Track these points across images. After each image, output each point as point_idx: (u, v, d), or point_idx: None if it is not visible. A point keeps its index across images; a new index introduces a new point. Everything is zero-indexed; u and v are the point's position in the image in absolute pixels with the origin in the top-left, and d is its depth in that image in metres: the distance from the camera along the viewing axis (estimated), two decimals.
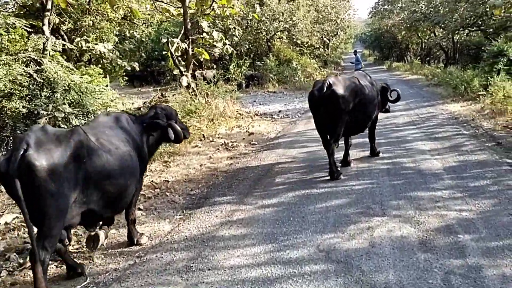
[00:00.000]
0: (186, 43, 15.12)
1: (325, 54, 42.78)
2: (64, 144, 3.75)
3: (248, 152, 9.72)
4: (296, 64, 28.66)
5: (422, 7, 32.20)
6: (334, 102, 6.48)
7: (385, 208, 5.37)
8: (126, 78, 31.59)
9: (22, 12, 15.30)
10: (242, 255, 4.40)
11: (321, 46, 41.57)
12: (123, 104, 13.06)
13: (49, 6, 9.21)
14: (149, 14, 21.86)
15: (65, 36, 16.45)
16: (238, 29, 17.27)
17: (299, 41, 32.79)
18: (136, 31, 20.68)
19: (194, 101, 15.41)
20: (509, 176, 6.24)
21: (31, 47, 8.97)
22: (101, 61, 16.72)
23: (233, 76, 26.62)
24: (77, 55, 16.15)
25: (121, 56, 18.95)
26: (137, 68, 17.06)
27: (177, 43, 14.79)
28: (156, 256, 4.56)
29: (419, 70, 30.80)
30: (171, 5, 18.59)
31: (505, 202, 5.28)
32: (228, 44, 15.69)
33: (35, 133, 3.72)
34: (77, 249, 4.87)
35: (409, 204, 5.43)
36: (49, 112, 8.46)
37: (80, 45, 15.47)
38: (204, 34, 15.13)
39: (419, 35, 38.31)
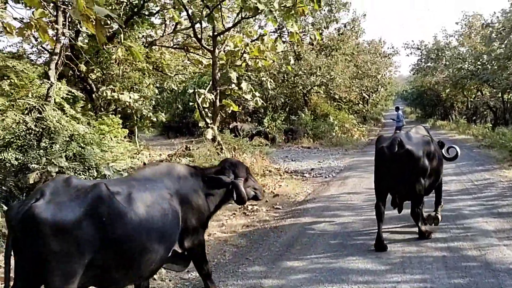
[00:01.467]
0: (213, 94, 14.21)
1: (364, 110, 41.39)
2: (81, 199, 3.32)
3: (269, 219, 8.26)
4: (333, 119, 27.36)
5: (468, 64, 30.66)
6: (410, 162, 5.97)
7: None
8: (159, 129, 31.37)
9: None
10: None
11: (360, 102, 40.32)
12: (136, 158, 12.09)
13: (57, 50, 8.39)
14: (182, 66, 21.57)
15: (92, 85, 16.04)
16: (270, 82, 16.29)
17: (337, 96, 31.69)
18: (174, 83, 20.20)
19: (219, 154, 14.27)
20: None
21: (32, 94, 8.14)
22: (127, 112, 16.05)
23: (267, 130, 25.66)
24: (101, 104, 15.57)
25: (159, 107, 18.28)
26: (163, 119, 16.25)
27: (203, 94, 13.89)
28: None
29: (466, 130, 28.73)
30: (203, 57, 18.05)
31: None
32: (259, 96, 14.64)
33: (56, 183, 3.39)
34: None
35: None
36: (41, 166, 7.41)
37: (105, 94, 14.89)
38: (233, 85, 14.18)
39: (465, 93, 36.45)
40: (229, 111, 22.13)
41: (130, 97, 14.98)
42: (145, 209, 3.59)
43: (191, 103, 19.08)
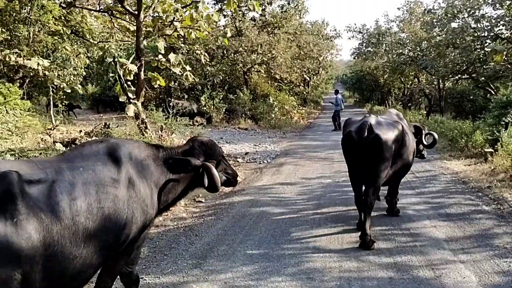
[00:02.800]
0: (137, 65, 12.45)
1: (305, 92, 40.81)
2: None
3: (186, 216, 6.92)
4: (273, 100, 26.28)
5: (408, 50, 30.63)
6: (378, 148, 5.49)
7: None
8: (89, 102, 28.71)
9: None
10: None
11: (301, 84, 39.61)
12: (48, 134, 10.21)
13: None
14: (107, 33, 19.32)
15: None
16: (205, 55, 14.64)
17: (277, 76, 30.59)
18: (107, 52, 17.99)
19: (143, 134, 12.64)
20: None
21: None
22: (38, 81, 13.87)
23: (204, 108, 24.16)
24: (5, 70, 13.27)
25: (89, 79, 15.89)
26: (80, 91, 14.19)
27: (125, 64, 12.10)
28: None
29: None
30: (131, 23, 16.05)
31: None
32: (192, 71, 12.99)
33: None
34: None
35: None
36: None
37: (8, 59, 12.61)
38: (160, 56, 12.46)
39: (402, 79, 36.74)
40: (159, 86, 20.40)
41: (38, 64, 12.80)
42: (74, 203, 2.84)
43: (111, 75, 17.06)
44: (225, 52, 26.48)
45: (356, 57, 43.14)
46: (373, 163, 5.52)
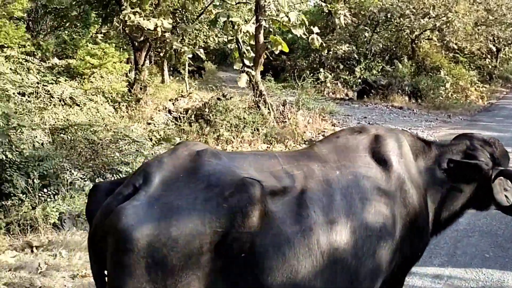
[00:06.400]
0: (254, 26, 10.42)
1: (490, 66, 33.66)
2: (213, 203, 1.95)
3: None
4: (446, 74, 21.75)
5: None
6: None
7: None
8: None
9: None
10: None
11: (487, 56, 32.70)
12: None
13: None
14: None
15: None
16: (345, 17, 11.80)
17: (454, 45, 25.27)
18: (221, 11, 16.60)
19: (259, 109, 10.76)
20: None
21: None
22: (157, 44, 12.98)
23: (358, 81, 21.41)
24: (126, 31, 12.57)
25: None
26: (203, 56, 12.86)
27: (239, 25, 10.17)
28: None
29: None
30: None
31: None
32: (317, 33, 10.36)
33: (174, 159, 2.07)
34: None
35: None
36: None
37: (127, 18, 11.82)
38: (282, 15, 10.14)
39: None
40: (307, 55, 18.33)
41: (156, 25, 11.75)
42: (331, 230, 2.06)
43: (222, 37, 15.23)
44: (388, 16, 22.74)
45: None
46: None
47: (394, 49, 25.28)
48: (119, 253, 1.82)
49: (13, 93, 6.26)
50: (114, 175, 6.03)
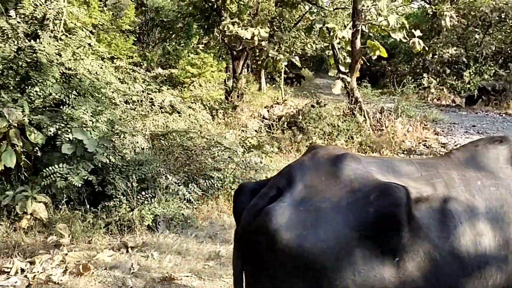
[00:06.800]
0: (350, 31, 10.13)
1: None
2: (357, 207, 2.00)
3: None
4: None
5: None
6: None
7: None
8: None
9: None
10: None
11: None
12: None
13: None
14: None
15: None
16: (452, 18, 10.95)
17: None
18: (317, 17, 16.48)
19: (354, 116, 10.48)
20: None
21: None
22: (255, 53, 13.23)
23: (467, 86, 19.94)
24: (225, 41, 12.99)
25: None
26: (298, 64, 12.83)
27: (335, 32, 9.95)
28: None
29: None
30: None
31: None
32: (419, 37, 9.67)
33: (316, 162, 2.15)
34: None
35: None
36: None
37: (228, 29, 12.24)
38: (380, 19, 9.72)
39: None
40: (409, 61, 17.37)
41: (254, 34, 11.98)
42: (479, 242, 2.03)
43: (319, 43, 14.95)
44: (502, 16, 20.76)
45: None
46: None
47: (509, 51, 23.03)
48: (269, 252, 1.87)
49: (119, 101, 6.72)
50: (207, 181, 6.19)
